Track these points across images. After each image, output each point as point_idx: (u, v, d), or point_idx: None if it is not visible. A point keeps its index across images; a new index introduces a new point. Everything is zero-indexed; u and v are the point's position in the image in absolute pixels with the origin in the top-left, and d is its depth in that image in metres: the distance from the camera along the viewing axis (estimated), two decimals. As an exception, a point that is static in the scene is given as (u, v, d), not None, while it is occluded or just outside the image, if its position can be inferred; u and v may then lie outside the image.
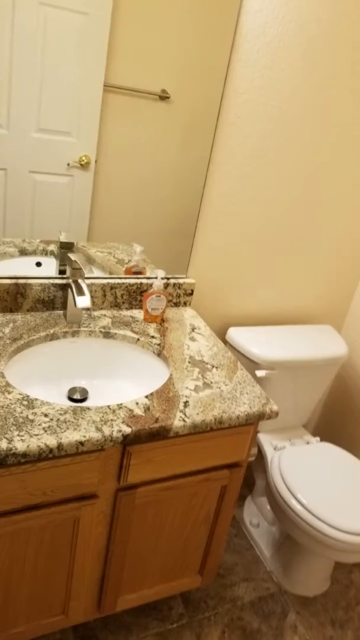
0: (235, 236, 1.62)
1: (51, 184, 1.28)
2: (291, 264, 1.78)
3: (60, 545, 1.13)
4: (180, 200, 1.46)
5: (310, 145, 1.56)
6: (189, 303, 1.62)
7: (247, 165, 1.51)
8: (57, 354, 1.31)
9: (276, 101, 1.44)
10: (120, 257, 1.47)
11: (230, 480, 1.28)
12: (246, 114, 1.43)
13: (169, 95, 1.30)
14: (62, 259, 1.39)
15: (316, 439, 1.83)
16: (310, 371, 1.72)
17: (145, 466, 1.12)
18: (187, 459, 1.17)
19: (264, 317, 1.84)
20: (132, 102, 1.27)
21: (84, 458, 1.02)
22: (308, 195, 1.66)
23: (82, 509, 1.09)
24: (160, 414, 1.08)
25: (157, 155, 1.37)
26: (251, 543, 1.85)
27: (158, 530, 1.27)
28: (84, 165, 1.30)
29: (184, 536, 1.33)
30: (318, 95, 1.49)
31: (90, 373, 1.34)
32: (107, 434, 0.99)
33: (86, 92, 1.22)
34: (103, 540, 1.20)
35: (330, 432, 2.18)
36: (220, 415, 1.12)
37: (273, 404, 1.19)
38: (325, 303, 1.93)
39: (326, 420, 2.19)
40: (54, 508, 1.06)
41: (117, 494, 1.14)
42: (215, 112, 1.38)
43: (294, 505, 1.49)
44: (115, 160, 1.33)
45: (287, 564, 1.69)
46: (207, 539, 1.38)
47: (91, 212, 1.36)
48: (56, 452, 0.95)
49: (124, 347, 1.36)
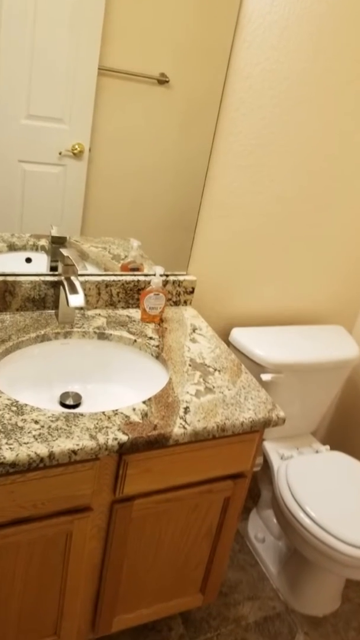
0: (239, 230, 1.62)
1: (42, 174, 1.28)
2: (299, 260, 1.78)
3: (52, 561, 1.13)
4: (180, 191, 1.46)
5: (319, 133, 1.57)
6: (190, 302, 1.62)
7: (251, 155, 1.51)
8: (48, 357, 1.31)
9: (283, 86, 1.45)
10: (116, 253, 1.47)
11: (234, 491, 1.28)
12: (250, 99, 1.43)
13: (168, 79, 1.31)
14: (54, 255, 1.39)
15: (326, 448, 1.83)
16: (319, 375, 1.72)
17: (142, 476, 1.12)
18: (187, 469, 1.17)
19: (269, 316, 1.84)
20: (128, 86, 1.28)
21: (77, 468, 1.02)
22: (317, 186, 1.66)
23: (75, 523, 1.09)
24: (158, 421, 1.08)
25: (156, 143, 1.37)
26: (256, 559, 1.85)
27: (156, 545, 1.27)
28: (77, 154, 1.30)
29: (184, 552, 1.33)
30: (327, 79, 1.49)
31: (84, 377, 1.34)
32: (102, 442, 0.99)
33: (79, 76, 1.22)
34: (98, 555, 1.20)
35: (340, 440, 2.18)
36: (223, 422, 1.12)
37: (280, 410, 1.19)
38: (336, 302, 1.94)
39: (336, 428, 2.19)
40: (45, 521, 1.06)
41: (112, 506, 1.14)
42: (218, 97, 1.38)
43: (302, 518, 1.50)
44: (111, 149, 1.33)
45: (295, 582, 1.70)
46: (209, 554, 1.38)
47: (85, 205, 1.36)
48: (47, 461, 0.96)
49: (120, 349, 1.37)
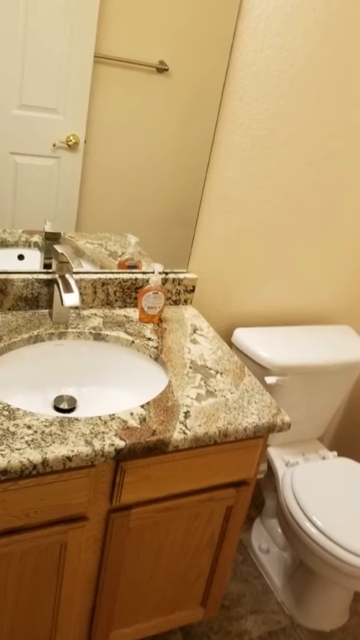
0: (242, 226, 1.62)
1: (35, 167, 1.28)
2: (306, 257, 1.78)
3: (46, 572, 1.13)
4: (181, 185, 1.46)
5: (326, 124, 1.56)
6: (190, 301, 1.62)
7: (255, 147, 1.51)
8: (41, 359, 1.31)
9: (288, 74, 1.45)
10: (113, 250, 1.47)
11: (237, 500, 1.28)
12: (254, 88, 1.43)
13: (167, 67, 1.31)
14: (48, 252, 1.39)
15: (333, 454, 1.83)
16: (326, 377, 1.72)
17: (140, 484, 1.12)
18: (188, 476, 1.17)
19: (274, 316, 1.84)
20: (126, 75, 1.27)
21: (72, 475, 1.02)
22: (324, 179, 1.66)
23: (69, 533, 1.09)
24: (157, 426, 1.08)
25: (155, 134, 1.37)
26: (260, 571, 1.85)
27: (155, 556, 1.27)
28: (71, 145, 1.30)
29: (184, 563, 1.33)
30: (335, 67, 1.49)
31: (79, 380, 1.34)
32: (98, 448, 0.99)
33: (74, 64, 1.22)
34: (93, 567, 1.20)
35: (349, 446, 2.17)
36: (226, 427, 1.12)
37: (285, 415, 1.19)
38: (344, 301, 1.93)
39: (344, 433, 2.19)
40: (38, 531, 1.06)
41: (109, 515, 1.14)
42: (220, 86, 1.38)
43: (308, 528, 1.50)
44: (107, 141, 1.33)
45: (301, 595, 1.70)
46: (211, 566, 1.38)
47: (80, 199, 1.36)
48: (41, 468, 0.96)
49: (117, 350, 1.37)
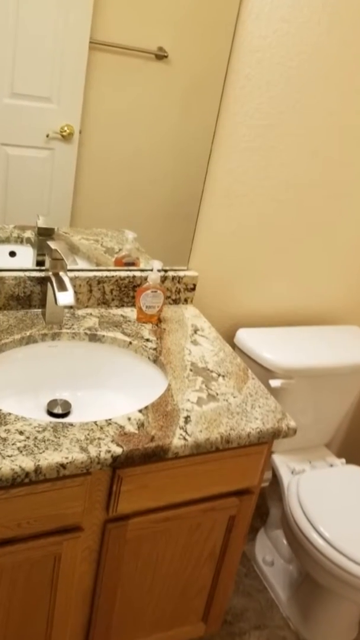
0: (245, 221, 1.62)
1: (27, 158, 1.28)
2: (312, 254, 1.78)
3: (38, 586, 1.13)
4: (180, 178, 1.46)
5: (335, 113, 1.56)
6: (191, 300, 1.62)
7: (259, 137, 1.51)
8: (34, 361, 1.31)
9: (294, 61, 1.45)
10: (110, 246, 1.47)
11: (240, 509, 1.28)
12: (258, 75, 1.43)
13: (167, 54, 1.30)
14: (41, 248, 1.39)
15: (341, 461, 1.83)
16: (334, 380, 1.72)
17: (138, 493, 1.12)
18: (188, 485, 1.17)
19: (279, 316, 1.84)
20: (123, 62, 1.27)
21: (66, 483, 1.02)
22: (332, 172, 1.66)
23: (64, 544, 1.09)
24: (156, 432, 1.08)
25: (153, 124, 1.37)
26: (264, 584, 1.85)
27: (154, 568, 1.27)
28: (66, 136, 1.30)
29: (184, 576, 1.33)
30: (344, 54, 1.49)
31: (74, 383, 1.34)
32: (94, 455, 0.99)
33: (69, 50, 1.22)
34: (89, 580, 1.20)
35: (357, 452, 2.17)
36: (228, 432, 1.12)
37: (290, 420, 1.19)
38: (353, 300, 1.93)
39: (353, 439, 2.19)
40: (30, 542, 1.05)
41: (105, 525, 1.14)
42: (222, 73, 1.38)
43: (315, 539, 1.50)
44: (104, 131, 1.33)
45: (307, 609, 1.70)
46: (213, 579, 1.38)
47: (75, 193, 1.36)
48: (33, 476, 0.95)
49: (114, 352, 1.37)
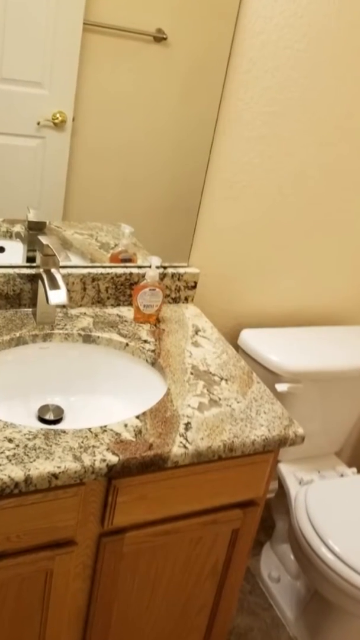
0: (249, 214, 1.62)
1: (17, 147, 1.28)
2: (321, 250, 1.77)
3: (28, 604, 1.13)
4: (181, 168, 1.46)
5: (345, 99, 1.56)
6: (192, 299, 1.62)
7: (264, 125, 1.51)
8: (24, 363, 1.31)
9: (302, 43, 1.44)
10: (105, 241, 1.47)
11: (244, 522, 1.28)
12: (263, 60, 1.43)
13: (166, 36, 1.30)
14: (31, 243, 1.39)
15: (352, 471, 1.83)
16: (344, 384, 1.72)
17: (136, 505, 1.11)
18: (189, 496, 1.16)
19: (286, 316, 1.84)
20: (119, 44, 1.27)
21: (59, 494, 1.02)
22: (343, 162, 1.66)
23: (56, 559, 1.09)
24: (154, 439, 1.08)
25: (152, 111, 1.36)
26: (270, 602, 1.85)
27: (152, 585, 1.27)
28: (58, 124, 1.30)
29: (185, 593, 1.33)
30: (355, 35, 1.49)
31: (67, 387, 1.34)
32: (88, 464, 0.99)
33: (61, 32, 1.22)
34: (83, 598, 1.20)
35: (370, 461, 2.17)
36: (231, 440, 1.12)
37: (298, 427, 1.19)
38: (364, 299, 1.94)
39: (365, 447, 2.19)
40: (20, 558, 1.05)
41: (100, 539, 1.13)
42: (225, 57, 1.38)
43: (324, 554, 1.49)
44: (98, 119, 1.33)
45: (316, 628, 1.69)
46: (215, 596, 1.38)
47: (67, 184, 1.36)
48: (23, 486, 0.95)
49: (109, 354, 1.37)
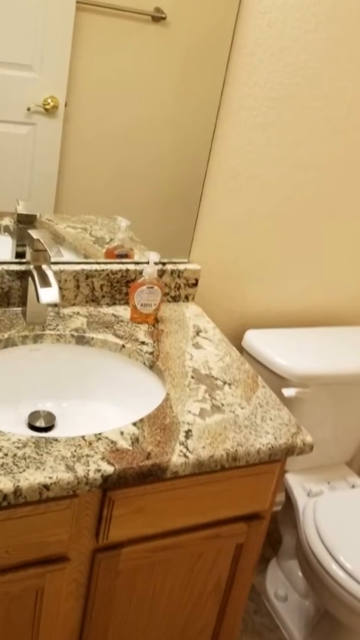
0: (254, 207, 1.62)
1: (5, 135, 1.28)
2: (331, 245, 1.78)
3: (18, 625, 1.13)
4: (181, 158, 1.46)
5: (357, 84, 1.56)
6: (192, 297, 1.62)
7: (270, 111, 1.51)
8: (13, 367, 1.31)
9: (311, 24, 1.44)
10: (99, 235, 1.46)
11: (249, 537, 1.28)
12: (269, 41, 1.43)
13: (165, 15, 1.30)
14: (21, 238, 1.39)
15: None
16: (356, 389, 1.72)
17: (133, 518, 1.11)
18: (189, 509, 1.16)
19: (293, 316, 1.84)
20: (115, 24, 1.27)
21: (50, 507, 1.02)
22: (355, 151, 1.65)
23: (47, 576, 1.09)
24: (153, 448, 1.08)
25: (150, 96, 1.36)
26: (276, 622, 1.85)
27: (150, 604, 1.27)
28: (49, 110, 1.29)
29: (185, 613, 1.33)
30: (367, 16, 1.49)
31: (59, 392, 1.34)
32: (81, 475, 0.99)
33: (52, 11, 1.22)
34: (76, 617, 1.20)
35: (383, 471, 2.17)
36: (235, 449, 1.12)
37: (306, 434, 1.19)
38: (377, 297, 1.94)
39: (377, 456, 2.19)
40: (9, 575, 1.05)
41: (94, 555, 1.13)
42: (228, 38, 1.38)
43: (334, 571, 1.49)
44: (93, 104, 1.33)
45: (325, 650, 1.69)
46: (217, 616, 1.38)
47: (59, 174, 1.36)
48: (12, 498, 0.95)
49: (104, 356, 1.37)
